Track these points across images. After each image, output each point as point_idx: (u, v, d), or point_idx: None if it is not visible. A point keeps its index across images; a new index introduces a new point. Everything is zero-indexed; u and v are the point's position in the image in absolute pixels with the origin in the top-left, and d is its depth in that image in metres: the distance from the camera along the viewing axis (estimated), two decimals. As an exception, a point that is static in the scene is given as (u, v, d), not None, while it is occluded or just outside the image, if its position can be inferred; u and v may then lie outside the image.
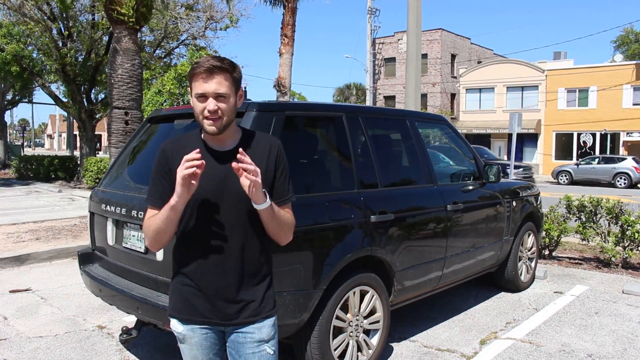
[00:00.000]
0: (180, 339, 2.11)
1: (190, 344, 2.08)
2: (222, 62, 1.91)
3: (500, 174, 5.30)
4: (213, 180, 1.95)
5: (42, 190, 16.37)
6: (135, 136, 4.23)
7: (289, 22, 14.60)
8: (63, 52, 17.99)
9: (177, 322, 2.09)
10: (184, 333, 2.08)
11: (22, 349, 4.19)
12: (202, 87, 1.90)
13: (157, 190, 2.03)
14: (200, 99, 1.91)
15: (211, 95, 1.89)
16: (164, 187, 2.01)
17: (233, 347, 2.08)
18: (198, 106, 1.92)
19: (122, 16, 9.12)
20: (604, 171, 26.69)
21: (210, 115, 1.90)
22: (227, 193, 1.95)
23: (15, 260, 6.91)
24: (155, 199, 2.02)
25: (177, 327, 2.09)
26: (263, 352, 2.07)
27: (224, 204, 1.97)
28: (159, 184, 2.03)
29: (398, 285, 4.00)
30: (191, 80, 1.94)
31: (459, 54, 44.43)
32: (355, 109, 4.16)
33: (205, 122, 1.92)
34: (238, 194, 1.91)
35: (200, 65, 1.90)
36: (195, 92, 1.91)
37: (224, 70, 1.91)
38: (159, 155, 2.05)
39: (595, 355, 4.14)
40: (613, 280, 6.44)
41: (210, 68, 1.89)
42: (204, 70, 1.89)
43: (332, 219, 3.49)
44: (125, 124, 9.56)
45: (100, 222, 3.98)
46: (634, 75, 33.02)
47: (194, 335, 2.07)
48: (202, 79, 1.90)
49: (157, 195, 2.02)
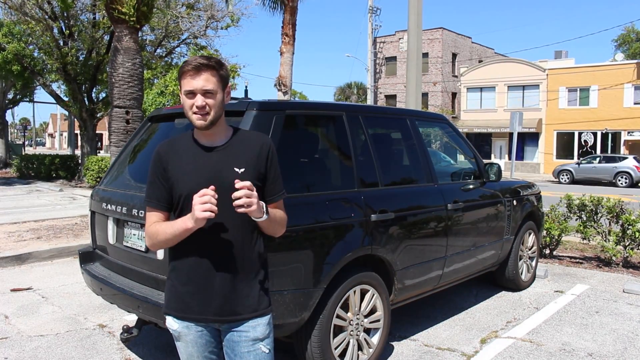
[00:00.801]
0: (176, 337, 2.13)
1: (186, 342, 2.10)
2: (209, 60, 2.01)
3: (501, 173, 5.30)
4: (205, 175, 2.00)
5: (43, 189, 16.39)
6: (136, 135, 4.23)
7: (289, 21, 14.59)
8: (64, 51, 18.00)
9: (172, 319, 2.11)
10: (179, 330, 2.09)
11: (23, 347, 4.19)
12: (191, 84, 1.98)
13: (155, 192, 2.09)
14: (189, 95, 1.99)
15: (199, 91, 1.98)
16: (160, 188, 2.08)
17: (228, 345, 2.10)
18: (187, 102, 2.00)
19: (123, 15, 9.12)
20: (605, 170, 26.67)
21: (199, 110, 1.98)
22: (219, 188, 1.95)
23: (16, 259, 6.92)
24: (153, 200, 2.09)
25: (173, 324, 2.11)
26: (258, 351, 2.08)
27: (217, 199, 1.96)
28: (155, 185, 2.09)
29: (398, 284, 4.00)
30: (180, 78, 2.02)
31: (460, 53, 44.41)
32: (355, 108, 4.16)
33: (194, 117, 2.00)
34: (229, 187, 1.93)
35: (188, 64, 1.99)
36: (184, 89, 2.00)
37: (211, 67, 1.99)
38: (154, 158, 2.11)
39: (596, 354, 4.14)
40: (614, 279, 6.44)
41: (198, 66, 1.97)
42: (191, 69, 1.98)
43: (333, 218, 3.49)
44: (126, 123, 9.56)
45: (101, 221, 3.99)
46: (635, 74, 32.98)
47: (189, 332, 2.08)
48: (190, 77, 1.98)
49: (155, 197, 2.09)
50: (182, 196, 2.02)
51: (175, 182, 2.04)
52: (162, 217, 2.08)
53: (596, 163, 27.48)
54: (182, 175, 2.03)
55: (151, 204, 2.09)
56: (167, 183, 2.06)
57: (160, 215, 2.08)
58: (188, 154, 2.07)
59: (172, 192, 2.06)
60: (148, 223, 2.09)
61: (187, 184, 2.01)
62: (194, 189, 1.93)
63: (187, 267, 2.05)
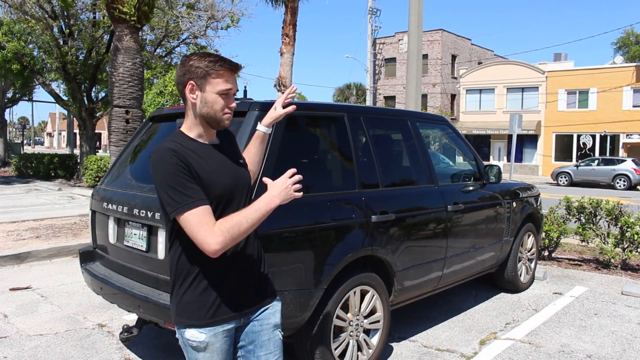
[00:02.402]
0: (201, 348, 2.00)
1: (212, 351, 2.01)
2: (236, 63, 2.04)
3: (500, 175, 5.31)
4: (228, 171, 2.04)
5: (42, 188, 16.38)
6: (137, 135, 4.24)
7: (290, 21, 14.60)
8: (64, 51, 17.99)
9: (196, 331, 1.99)
10: (206, 340, 1.99)
11: (22, 347, 4.19)
12: (227, 85, 1.98)
13: (196, 191, 1.88)
14: (223, 96, 1.99)
15: (234, 92, 2.02)
16: (197, 187, 1.89)
17: (248, 338, 2.10)
18: (220, 103, 1.99)
19: (124, 15, 9.12)
20: (604, 173, 26.71)
21: (231, 111, 2.02)
22: (239, 181, 2.06)
23: (15, 258, 6.91)
24: (201, 198, 1.88)
25: (198, 336, 1.99)
26: (276, 337, 2.16)
27: (238, 194, 2.05)
28: (191, 185, 1.88)
29: (398, 285, 4.01)
30: (210, 76, 1.95)
31: (460, 54, 44.44)
32: (357, 109, 4.16)
33: (225, 117, 2.02)
34: (246, 179, 2.11)
35: (223, 63, 1.96)
36: (219, 88, 1.97)
37: (239, 69, 2.04)
38: (174, 161, 1.88)
39: (595, 356, 4.15)
40: (612, 281, 6.45)
41: (234, 66, 2.00)
42: (228, 68, 1.98)
43: (333, 219, 3.50)
44: (126, 123, 9.55)
45: (101, 220, 3.99)
46: (634, 77, 33.04)
47: (217, 340, 2.00)
48: (227, 77, 1.98)
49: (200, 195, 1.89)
50: (217, 197, 1.95)
51: (208, 184, 1.92)
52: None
53: (595, 165, 27.52)
54: (211, 176, 1.95)
55: (202, 202, 1.87)
56: (200, 183, 1.90)
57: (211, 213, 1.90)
58: (203, 153, 1.98)
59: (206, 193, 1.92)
60: (210, 221, 1.85)
61: (218, 184, 1.97)
62: (226, 188, 1.98)
63: (220, 266, 1.97)
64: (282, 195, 1.91)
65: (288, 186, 1.91)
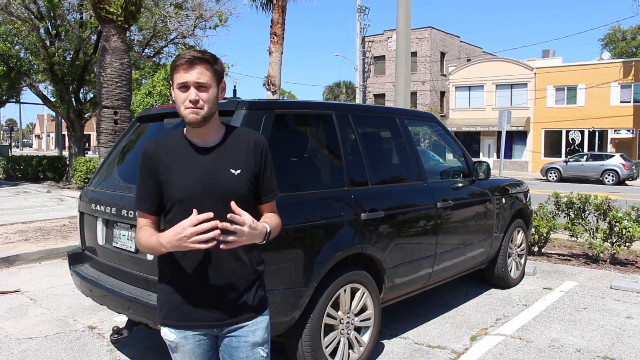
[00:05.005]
0: (173, 348, 2.04)
1: (183, 352, 2.02)
2: (204, 53, 1.93)
3: (489, 171, 5.33)
4: (199, 177, 1.93)
5: (30, 190, 16.24)
6: (125, 135, 4.21)
7: (278, 20, 14.57)
8: (51, 52, 17.83)
9: (168, 330, 2.02)
10: (176, 341, 2.01)
11: (11, 350, 4.16)
12: (184, 77, 1.89)
13: (145, 195, 1.99)
14: (182, 89, 1.91)
15: (192, 84, 1.89)
16: (150, 191, 1.98)
17: (226, 351, 2.04)
18: (180, 96, 1.91)
19: (111, 15, 9.06)
20: (592, 168, 26.97)
21: (192, 105, 1.89)
22: (213, 190, 1.92)
23: (4, 261, 6.85)
24: (143, 203, 2.00)
25: (169, 335, 2.02)
26: (257, 356, 2.04)
27: (210, 201, 1.90)
28: (145, 188, 1.99)
29: (389, 282, 4.02)
30: (173, 72, 1.93)
31: (449, 52, 44.61)
32: (345, 107, 4.17)
33: (187, 111, 1.91)
34: (224, 190, 1.92)
35: (181, 57, 1.92)
36: (177, 82, 1.91)
37: (205, 61, 1.91)
38: (142, 158, 2.00)
39: (584, 350, 4.18)
40: (601, 276, 6.50)
41: (192, 59, 1.89)
42: (185, 62, 1.89)
43: (323, 217, 3.50)
44: (115, 123, 9.49)
45: (90, 221, 3.96)
46: (621, 73, 33.35)
47: (187, 342, 2.00)
48: (184, 70, 1.90)
49: (146, 198, 1.99)
50: (175, 201, 1.94)
51: (166, 186, 1.94)
52: (152, 221, 1.99)
53: (584, 161, 27.77)
54: (175, 178, 1.93)
55: (140, 208, 1.99)
56: (157, 186, 1.96)
57: (150, 220, 1.99)
58: (180, 154, 1.97)
59: (162, 195, 1.97)
60: (138, 227, 2.00)
61: (179, 188, 1.92)
62: (187, 194, 1.90)
63: (183, 272, 1.95)
64: (171, 245, 1.77)
65: (182, 237, 1.72)
